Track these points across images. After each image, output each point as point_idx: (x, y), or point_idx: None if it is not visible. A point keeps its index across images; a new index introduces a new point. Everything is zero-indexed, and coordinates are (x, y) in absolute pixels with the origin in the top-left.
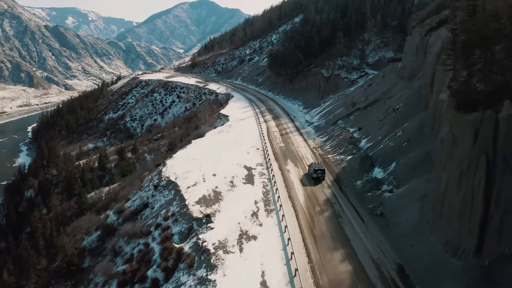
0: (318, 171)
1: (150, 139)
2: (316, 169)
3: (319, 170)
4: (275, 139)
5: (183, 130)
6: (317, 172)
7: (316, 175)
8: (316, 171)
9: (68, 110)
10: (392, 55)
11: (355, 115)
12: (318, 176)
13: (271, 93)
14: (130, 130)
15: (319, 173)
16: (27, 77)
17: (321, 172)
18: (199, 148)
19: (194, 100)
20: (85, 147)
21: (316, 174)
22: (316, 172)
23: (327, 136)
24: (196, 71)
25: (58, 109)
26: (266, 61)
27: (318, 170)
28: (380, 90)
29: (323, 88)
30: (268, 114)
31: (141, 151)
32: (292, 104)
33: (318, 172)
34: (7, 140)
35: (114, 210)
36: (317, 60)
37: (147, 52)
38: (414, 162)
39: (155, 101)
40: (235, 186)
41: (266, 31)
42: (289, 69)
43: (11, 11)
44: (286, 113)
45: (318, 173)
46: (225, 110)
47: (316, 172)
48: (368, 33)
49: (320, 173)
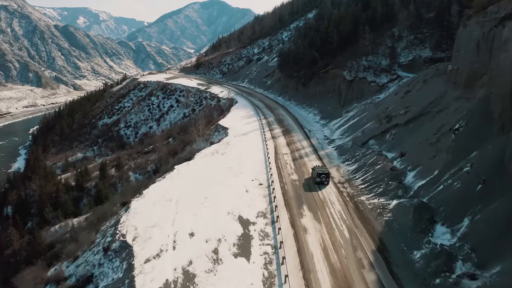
0: (322, 174)
1: (140, 151)
2: (320, 173)
3: (323, 174)
4: (285, 167)
5: (177, 142)
6: (321, 176)
7: (320, 179)
8: (319, 175)
9: (68, 112)
10: (430, 54)
11: (392, 133)
12: (322, 180)
13: (281, 98)
14: (123, 138)
15: (323, 177)
16: (35, 77)
17: (325, 176)
18: (181, 180)
19: (194, 105)
20: (72, 157)
21: (320, 178)
22: (320, 176)
23: (356, 163)
24: (201, 72)
25: (59, 111)
26: (276, 61)
27: (322, 174)
28: (424, 100)
29: (344, 94)
30: (277, 126)
31: (126, 167)
32: (306, 113)
33: (322, 176)
34: (7, 142)
35: (54, 276)
36: (336, 60)
37: (157, 52)
38: (499, 220)
39: (152, 105)
40: (219, 263)
41: (276, 28)
42: (303, 71)
43: (20, 11)
44: (300, 125)
45: (322, 177)
46: (226, 120)
47: (319, 176)
48: (398, 27)
49: (324, 177)
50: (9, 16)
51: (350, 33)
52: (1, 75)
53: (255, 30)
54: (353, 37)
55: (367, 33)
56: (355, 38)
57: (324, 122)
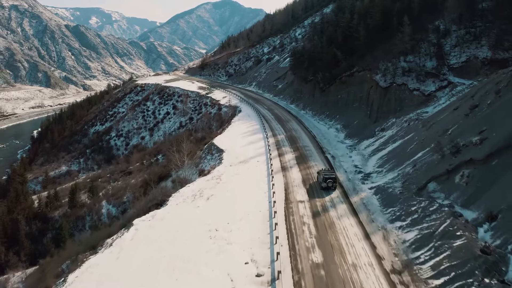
0: (328, 179)
1: (124, 170)
2: (326, 177)
3: (329, 179)
4: (302, 233)
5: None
6: (327, 181)
7: (326, 184)
8: (326, 180)
9: (69, 115)
10: (489, 55)
11: (465, 174)
12: (328, 185)
13: (294, 106)
14: (112, 150)
15: (329, 182)
16: (44, 77)
17: (331, 180)
18: (130, 260)
19: (192, 112)
20: (55, 171)
21: (326, 183)
22: (326, 181)
23: (416, 228)
24: (206, 73)
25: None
26: (288, 62)
27: (328, 179)
28: (506, 121)
29: (377, 105)
30: (288, 148)
31: (102, 194)
32: (325, 127)
33: (328, 181)
34: (7, 146)
35: None
36: (363, 61)
37: (169, 52)
38: None
39: (147, 112)
40: None
41: (288, 25)
42: (320, 73)
43: (31, 10)
44: (319, 146)
45: (329, 182)
46: (223, 138)
47: (326, 180)
48: (443, 20)
49: (331, 182)
50: (19, 15)
51: (380, 27)
52: (10, 75)
53: (265, 27)
54: (384, 31)
55: (406, 26)
56: (387, 33)
57: (351, 142)
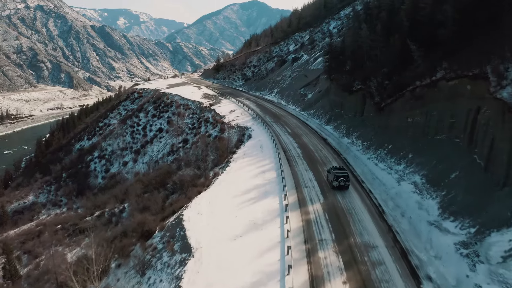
0: (340, 178)
1: (77, 224)
2: (338, 176)
3: (342, 177)
4: None
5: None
6: (339, 180)
7: (338, 183)
8: (337, 178)
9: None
10: None
11: None
12: (340, 184)
13: (332, 128)
14: (89, 177)
15: (342, 180)
16: (67, 77)
17: (344, 179)
18: None
19: (189, 132)
20: (19, 202)
21: (338, 182)
22: (338, 180)
23: None
24: (220, 76)
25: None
26: (321, 62)
27: (340, 177)
28: None
29: (496, 147)
30: (330, 244)
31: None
32: (392, 177)
33: (340, 179)
34: (14, 151)
35: None
36: (454, 60)
37: (195, 53)
38: None
39: (137, 127)
40: None
41: (320, 18)
42: (375, 80)
43: (56, 11)
44: (398, 243)
45: (341, 180)
46: (203, 204)
47: (338, 179)
48: None
49: (343, 181)
50: (44, 16)
51: (475, 8)
52: (33, 75)
53: (292, 22)
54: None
55: None
56: (493, 18)
57: (459, 230)
